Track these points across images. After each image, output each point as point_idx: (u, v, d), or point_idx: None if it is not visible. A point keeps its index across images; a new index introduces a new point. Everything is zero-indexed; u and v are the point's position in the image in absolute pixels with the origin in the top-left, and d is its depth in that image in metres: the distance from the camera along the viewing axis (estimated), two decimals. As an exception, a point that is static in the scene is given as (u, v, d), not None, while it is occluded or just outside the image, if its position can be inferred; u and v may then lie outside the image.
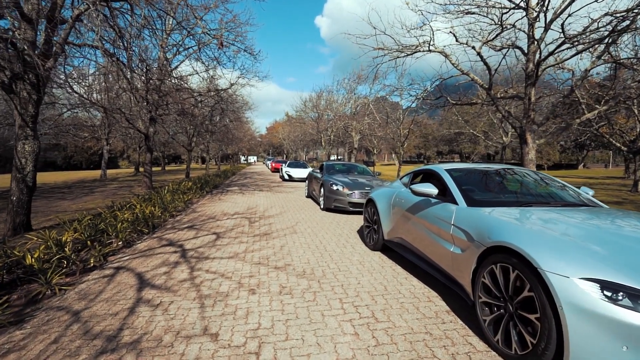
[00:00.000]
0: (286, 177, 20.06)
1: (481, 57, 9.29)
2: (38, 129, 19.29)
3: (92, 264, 4.31)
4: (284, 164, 22.59)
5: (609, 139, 14.73)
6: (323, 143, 33.53)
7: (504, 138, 24.54)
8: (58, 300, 3.24)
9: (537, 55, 8.61)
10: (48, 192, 15.75)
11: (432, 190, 3.17)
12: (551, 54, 8.11)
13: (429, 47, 10.70)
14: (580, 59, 9.74)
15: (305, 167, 21.19)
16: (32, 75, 5.95)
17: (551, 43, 8.55)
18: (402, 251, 3.89)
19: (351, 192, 7.72)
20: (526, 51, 9.24)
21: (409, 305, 2.99)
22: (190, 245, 5.13)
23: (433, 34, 10.45)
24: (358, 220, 7.19)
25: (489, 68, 9.47)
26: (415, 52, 11.09)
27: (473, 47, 9.14)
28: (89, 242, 4.92)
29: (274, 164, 31.86)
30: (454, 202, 3.02)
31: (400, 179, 4.59)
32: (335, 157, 45.30)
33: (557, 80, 11.88)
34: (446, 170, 3.52)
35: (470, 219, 2.68)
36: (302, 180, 19.54)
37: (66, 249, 4.38)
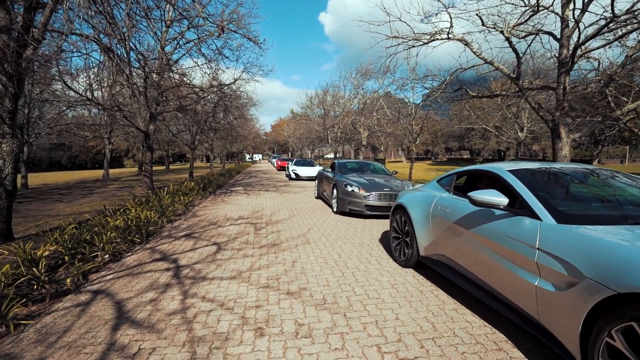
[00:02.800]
0: (293, 175, 19.30)
1: (510, 42, 8.40)
2: (39, 130, 18.55)
3: (68, 286, 3.58)
4: (290, 162, 21.82)
5: (638, 132, 13.74)
6: (330, 140, 32.69)
7: (519, 133, 23.49)
8: (10, 344, 2.50)
9: (575, 40, 7.69)
10: (46, 193, 15.20)
11: (501, 199, 2.35)
12: (593, 37, 7.20)
13: (447, 34, 9.83)
14: (609, 47, 8.83)
15: (312, 165, 20.39)
16: (8, 65, 5.23)
17: (590, 26, 7.65)
18: (447, 272, 3.09)
19: (368, 193, 6.91)
20: (559, 36, 8.34)
21: (473, 357, 2.19)
22: (186, 260, 4.38)
23: (452, 21, 9.58)
24: (377, 226, 6.39)
25: (517, 55, 8.57)
26: (433, 40, 10.22)
27: (502, 32, 8.25)
28: (66, 257, 4.19)
29: (279, 162, 31.10)
30: (534, 216, 2.21)
31: (438, 181, 3.77)
32: (341, 155, 44.41)
33: (579, 71, 10.94)
34: (510, 171, 2.70)
35: (572, 243, 1.87)
36: (309, 179, 18.76)
37: (36, 268, 3.65)
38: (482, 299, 2.58)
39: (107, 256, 4.71)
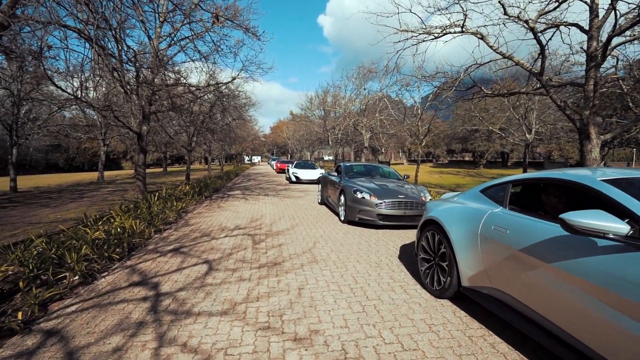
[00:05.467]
0: (293, 178, 18.53)
1: (535, 34, 7.66)
2: (29, 131, 17.78)
3: (16, 323, 2.81)
4: (290, 165, 21.05)
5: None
6: (330, 142, 31.96)
7: (527, 135, 22.74)
8: None
9: (609, 30, 6.98)
10: (35, 197, 14.42)
11: (619, 225, 1.60)
12: (633, 24, 6.46)
13: (461, 28, 9.12)
14: (631, 44, 8.13)
15: (314, 167, 19.62)
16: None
17: (628, 13, 6.93)
18: (506, 314, 2.32)
19: (380, 201, 6.14)
20: (587, 27, 7.62)
21: None
22: (170, 284, 3.61)
23: (466, 12, 8.86)
24: (393, 238, 5.63)
25: (542, 48, 7.83)
26: (445, 34, 9.52)
27: (526, 22, 7.51)
28: (21, 283, 3.41)
29: (279, 165, 30.31)
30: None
31: (483, 191, 3.01)
32: (341, 157, 43.66)
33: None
34: (608, 181, 1.94)
35: None
36: (310, 182, 18.01)
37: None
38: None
39: (76, 278, 3.94)
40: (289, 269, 4.04)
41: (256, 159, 77.86)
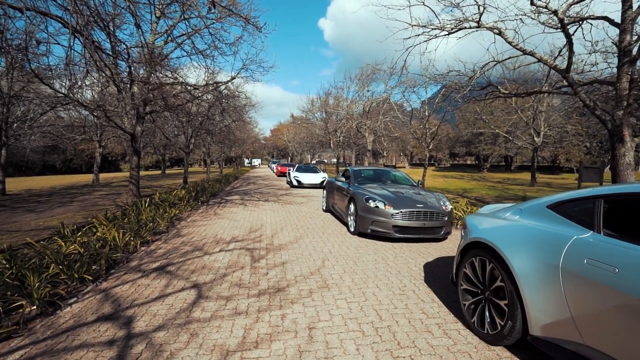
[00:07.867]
0: (295, 183, 17.80)
1: (564, 26, 6.98)
2: (20, 131, 17.05)
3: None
4: (291, 168, 20.32)
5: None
6: (332, 145, 31.25)
7: (535, 138, 22.07)
8: None
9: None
10: (23, 201, 13.69)
11: None
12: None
13: (477, 23, 8.47)
14: None
15: (316, 171, 18.89)
16: None
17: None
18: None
19: (397, 211, 5.41)
20: (619, 20, 6.96)
21: None
22: (147, 319, 2.88)
23: (483, 6, 8.20)
24: (412, 253, 4.90)
25: (570, 42, 7.15)
26: (459, 29, 8.85)
27: (554, 12, 6.83)
28: (-45, 321, 2.70)
29: (279, 168, 29.56)
30: None
31: (554, 207, 2.28)
32: (342, 161, 42.93)
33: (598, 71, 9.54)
34: None
35: None
36: (312, 186, 17.29)
37: None
38: None
39: (34, 308, 3.22)
40: (295, 298, 3.31)
41: (256, 161, 77.17)
